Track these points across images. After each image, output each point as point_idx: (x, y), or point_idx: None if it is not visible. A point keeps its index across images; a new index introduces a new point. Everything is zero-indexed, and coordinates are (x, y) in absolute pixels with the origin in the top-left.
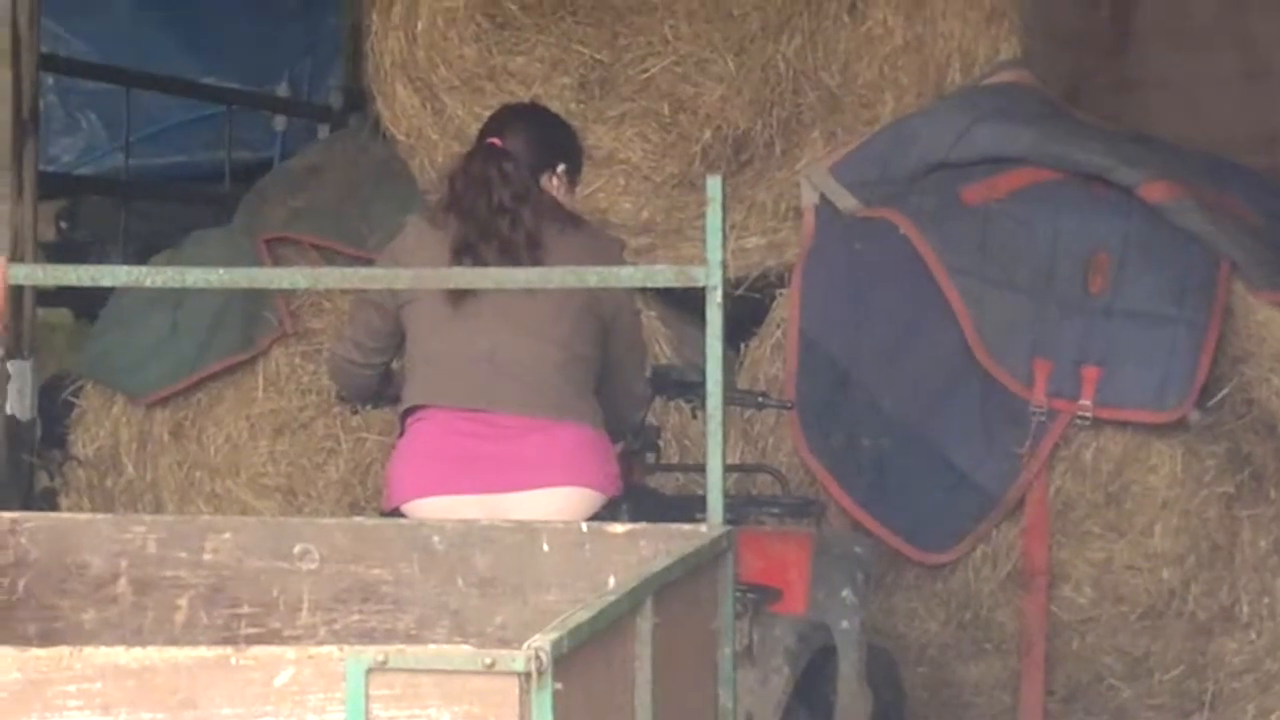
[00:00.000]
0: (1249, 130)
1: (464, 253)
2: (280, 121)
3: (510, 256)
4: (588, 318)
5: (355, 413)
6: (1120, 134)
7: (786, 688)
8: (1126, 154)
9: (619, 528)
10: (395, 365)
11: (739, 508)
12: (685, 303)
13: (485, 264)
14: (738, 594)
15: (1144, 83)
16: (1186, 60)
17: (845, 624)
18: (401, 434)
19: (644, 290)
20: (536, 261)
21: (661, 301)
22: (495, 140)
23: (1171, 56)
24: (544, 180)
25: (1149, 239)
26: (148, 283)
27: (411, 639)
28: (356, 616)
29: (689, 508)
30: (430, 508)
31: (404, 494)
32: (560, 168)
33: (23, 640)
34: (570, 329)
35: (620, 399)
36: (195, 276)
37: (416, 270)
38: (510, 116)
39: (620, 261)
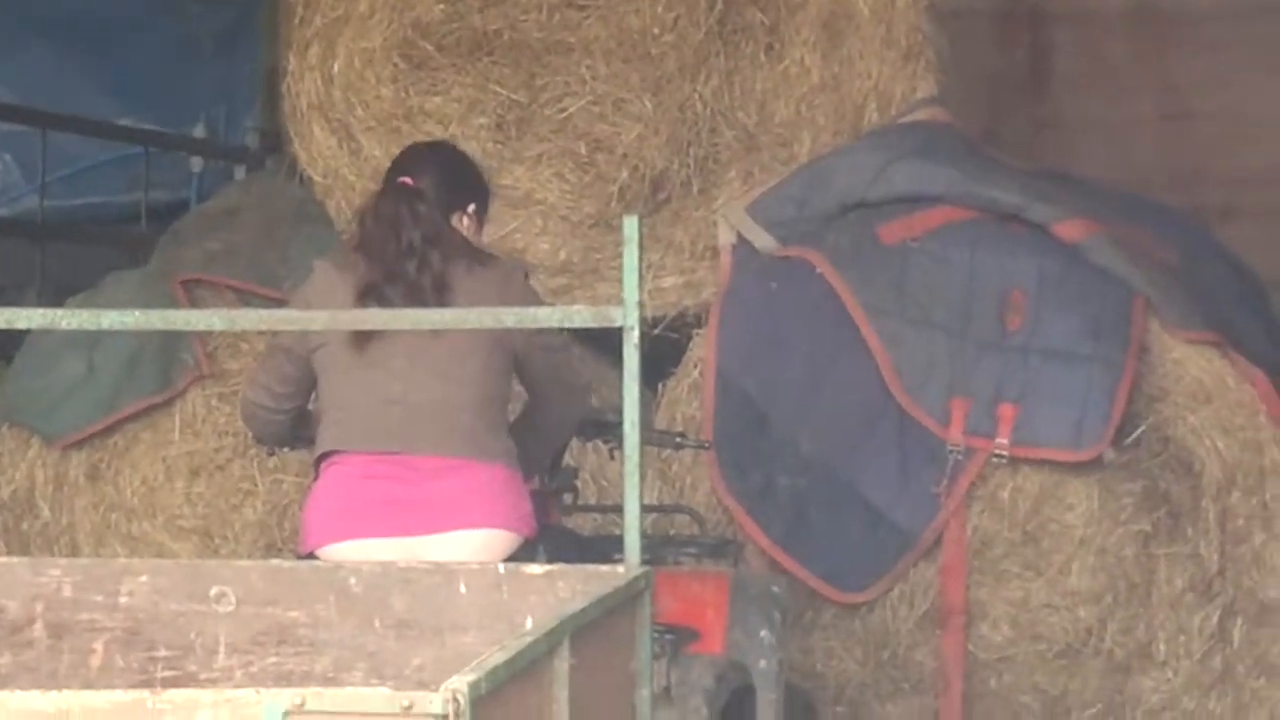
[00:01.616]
0: (1167, 170)
1: (368, 295)
2: (197, 163)
3: (416, 300)
4: (498, 354)
5: (272, 454)
6: (1036, 172)
7: None
8: (1042, 192)
9: (536, 569)
10: (311, 407)
11: (657, 548)
12: (603, 343)
13: (391, 306)
14: (655, 635)
15: (1062, 123)
16: (1104, 101)
17: (763, 664)
18: (316, 478)
19: (561, 330)
20: (442, 304)
21: (579, 342)
22: (406, 180)
23: (1089, 97)
24: (455, 220)
25: (1065, 277)
26: (63, 325)
27: (329, 681)
28: (273, 659)
29: (606, 548)
30: (345, 551)
31: (319, 538)
32: (471, 207)
33: None
34: (481, 367)
35: (549, 429)
36: (111, 319)
37: (333, 311)
38: (421, 155)
39: (529, 291)
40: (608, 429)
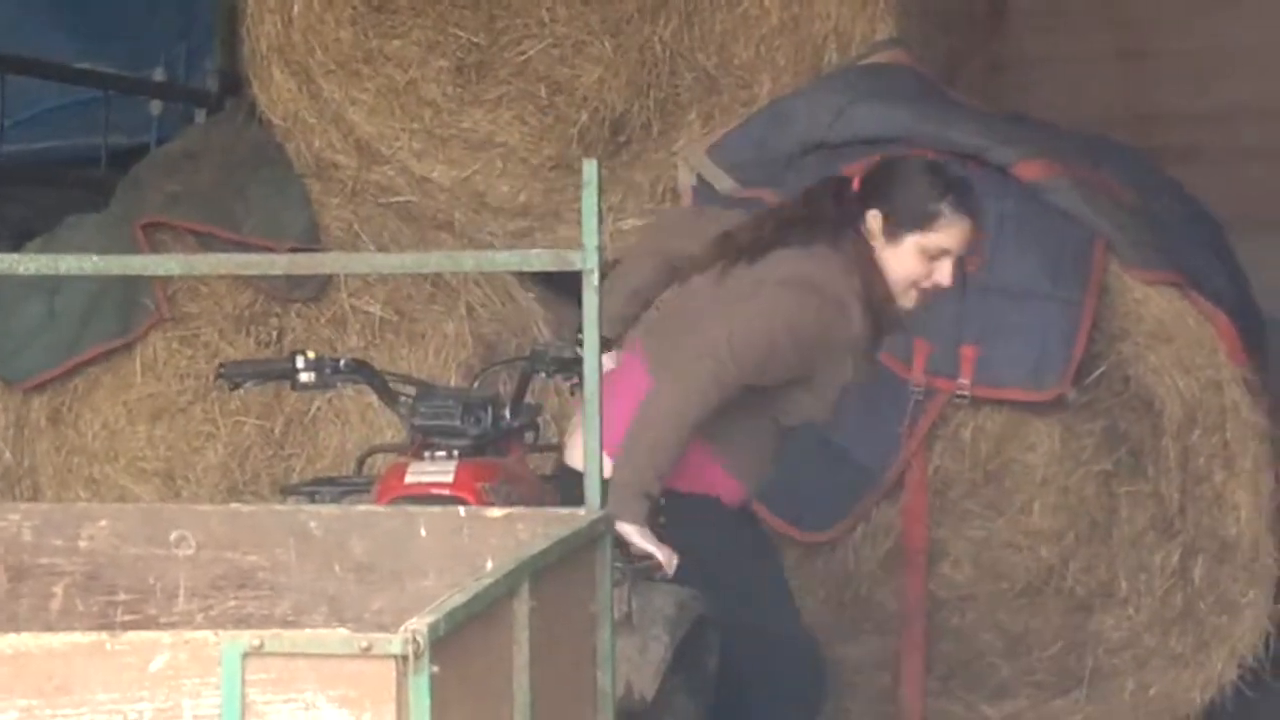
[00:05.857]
0: (1125, 110)
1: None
2: (156, 106)
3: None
4: None
5: (236, 388)
6: (996, 114)
7: (665, 655)
8: (1002, 133)
9: (496, 512)
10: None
11: None
12: (564, 285)
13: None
14: (616, 564)
15: (1021, 63)
16: (1063, 41)
17: None
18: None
19: (522, 273)
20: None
21: (540, 284)
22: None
23: (1048, 37)
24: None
25: (1025, 218)
26: (21, 270)
27: (289, 625)
28: (233, 603)
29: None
30: None
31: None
32: (873, 211)
33: None
34: None
35: None
36: (70, 263)
37: (291, 255)
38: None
39: (752, 304)
40: (567, 365)
